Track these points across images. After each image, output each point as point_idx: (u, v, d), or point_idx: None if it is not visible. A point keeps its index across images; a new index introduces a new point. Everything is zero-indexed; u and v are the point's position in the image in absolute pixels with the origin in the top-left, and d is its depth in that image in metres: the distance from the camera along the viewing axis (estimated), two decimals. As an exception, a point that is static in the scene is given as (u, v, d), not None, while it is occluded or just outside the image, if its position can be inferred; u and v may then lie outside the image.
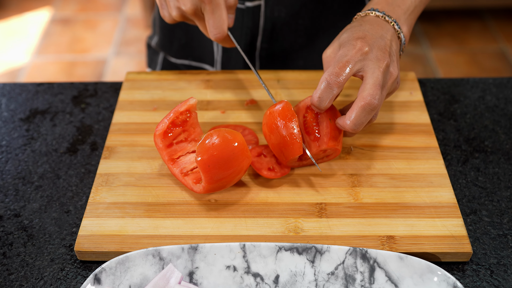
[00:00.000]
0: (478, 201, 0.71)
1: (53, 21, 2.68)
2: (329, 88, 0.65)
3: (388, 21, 0.70)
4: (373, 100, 0.64)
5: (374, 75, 0.65)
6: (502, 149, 0.77)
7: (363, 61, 0.66)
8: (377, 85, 0.64)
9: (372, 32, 0.68)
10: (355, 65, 0.65)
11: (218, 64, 0.98)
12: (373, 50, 0.66)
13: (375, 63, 0.66)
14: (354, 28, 0.69)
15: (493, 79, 0.89)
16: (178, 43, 0.99)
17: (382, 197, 0.68)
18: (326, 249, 0.60)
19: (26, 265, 0.64)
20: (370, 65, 0.66)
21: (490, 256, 0.65)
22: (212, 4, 0.71)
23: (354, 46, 0.66)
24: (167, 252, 0.60)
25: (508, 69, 2.36)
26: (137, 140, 0.76)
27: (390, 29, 0.70)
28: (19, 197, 0.71)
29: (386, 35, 0.69)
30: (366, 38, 0.67)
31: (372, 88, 0.64)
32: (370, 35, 0.68)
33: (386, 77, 0.66)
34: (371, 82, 0.64)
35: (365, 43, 0.66)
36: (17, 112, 0.84)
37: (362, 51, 0.66)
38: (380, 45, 0.67)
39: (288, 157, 0.67)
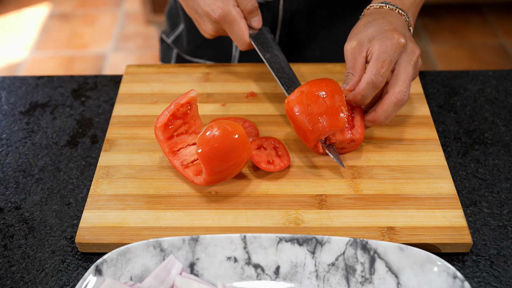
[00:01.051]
0: (478, 193, 0.71)
1: (52, 16, 2.68)
2: (374, 87, 0.67)
3: (401, 14, 0.72)
4: (404, 96, 0.67)
5: (406, 69, 0.67)
6: (502, 141, 0.78)
7: (399, 54, 0.68)
8: (408, 80, 0.67)
9: (399, 24, 0.70)
10: (394, 60, 0.67)
11: (236, 60, 0.98)
12: (408, 42, 0.68)
13: (409, 56, 0.68)
14: (379, 21, 0.70)
15: (492, 71, 0.89)
16: (195, 43, 1.00)
17: (382, 188, 0.68)
18: (326, 240, 0.60)
19: (27, 257, 0.64)
20: (404, 58, 0.68)
21: (490, 247, 0.65)
22: (227, 22, 0.75)
23: (392, 39, 0.67)
24: (168, 243, 0.60)
25: (508, 63, 2.36)
26: (137, 132, 0.76)
27: (405, 22, 0.72)
28: (20, 189, 0.71)
29: (399, 20, 0.70)
30: (399, 30, 0.68)
31: (403, 84, 0.67)
32: (399, 27, 0.69)
33: (416, 69, 0.69)
34: (403, 77, 0.67)
35: (401, 35, 0.68)
36: (17, 106, 0.84)
37: (400, 45, 0.67)
38: (410, 37, 0.69)
39: (330, 128, 0.66)
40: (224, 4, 0.74)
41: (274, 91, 0.83)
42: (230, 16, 0.74)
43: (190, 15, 0.80)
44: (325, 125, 0.67)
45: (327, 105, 0.67)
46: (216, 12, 0.74)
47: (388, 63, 0.67)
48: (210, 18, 0.75)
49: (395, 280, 0.59)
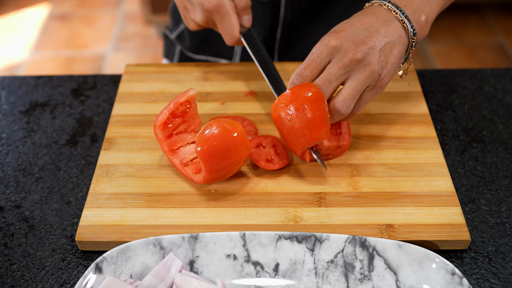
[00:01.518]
0: (477, 190, 0.71)
1: (51, 17, 2.68)
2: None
3: (391, 9, 0.66)
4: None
5: (330, 69, 0.64)
6: (500, 139, 0.78)
7: (329, 55, 0.65)
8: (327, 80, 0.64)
9: (358, 25, 0.65)
10: (321, 62, 0.65)
11: (237, 56, 0.99)
12: (343, 44, 0.64)
13: (340, 56, 0.64)
14: (343, 21, 0.68)
15: (491, 69, 0.89)
16: (197, 39, 1.00)
17: (381, 186, 0.69)
18: (325, 238, 0.61)
19: (28, 255, 0.64)
20: (334, 58, 0.65)
21: (488, 244, 0.65)
22: (219, 14, 0.74)
23: (322, 42, 0.65)
24: (168, 241, 0.60)
25: (506, 62, 2.36)
26: (137, 131, 0.77)
27: (391, 21, 0.66)
28: (20, 188, 0.72)
29: (378, 27, 0.65)
30: (340, 32, 0.65)
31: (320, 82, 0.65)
32: (349, 28, 0.65)
33: (353, 70, 0.64)
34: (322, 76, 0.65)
35: (336, 37, 0.64)
36: (17, 105, 0.84)
37: (329, 46, 0.64)
38: (355, 39, 0.64)
39: (312, 141, 0.65)
40: None
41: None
42: (224, 8, 0.74)
43: (179, 3, 0.79)
44: (308, 139, 0.65)
45: (308, 118, 0.64)
46: (211, 2, 0.73)
47: (311, 63, 0.65)
48: (203, 7, 0.75)
49: (393, 277, 0.59)
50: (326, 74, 0.65)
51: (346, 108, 0.65)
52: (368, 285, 0.59)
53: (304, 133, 0.65)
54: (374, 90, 0.67)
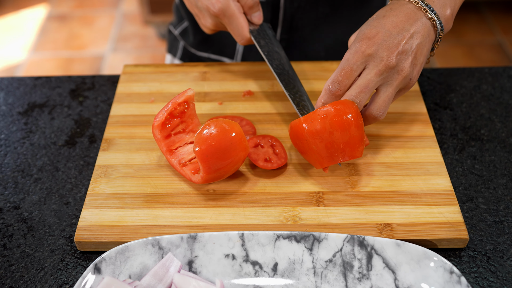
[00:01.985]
0: (475, 189, 0.71)
1: (50, 18, 2.68)
2: (332, 94, 0.66)
3: (421, 7, 0.66)
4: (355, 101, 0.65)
5: (367, 77, 0.65)
6: (498, 137, 0.78)
7: (365, 62, 0.65)
8: (365, 88, 0.65)
9: (390, 28, 0.65)
10: (357, 68, 0.65)
11: (239, 54, 0.99)
12: (378, 51, 0.65)
13: (376, 63, 0.65)
14: (373, 22, 0.67)
15: (488, 68, 0.90)
16: (201, 36, 1.01)
17: (379, 185, 0.69)
18: (324, 237, 0.61)
19: (27, 256, 0.64)
20: (369, 65, 0.65)
21: (486, 242, 0.65)
22: (226, 17, 0.75)
23: (357, 49, 0.65)
24: (166, 241, 0.60)
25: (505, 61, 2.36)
26: (135, 132, 0.77)
27: (420, 19, 0.66)
28: (19, 189, 0.72)
29: (409, 28, 0.65)
30: (374, 38, 0.65)
31: (355, 89, 0.65)
32: (382, 32, 0.65)
33: (388, 77, 0.65)
34: (359, 83, 0.65)
35: (370, 44, 0.65)
36: (15, 106, 0.84)
37: (365, 54, 0.65)
38: (389, 45, 0.64)
39: (349, 158, 0.65)
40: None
41: (271, 89, 0.83)
42: (229, 10, 0.74)
43: (191, 10, 0.80)
44: (345, 156, 0.65)
45: (351, 135, 0.63)
46: (215, 6, 0.73)
47: (347, 70, 0.65)
48: (209, 12, 0.75)
49: (392, 276, 0.59)
50: (363, 81, 0.65)
51: (382, 114, 0.67)
52: (366, 284, 0.59)
53: (345, 150, 0.64)
54: (403, 91, 0.69)
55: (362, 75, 0.65)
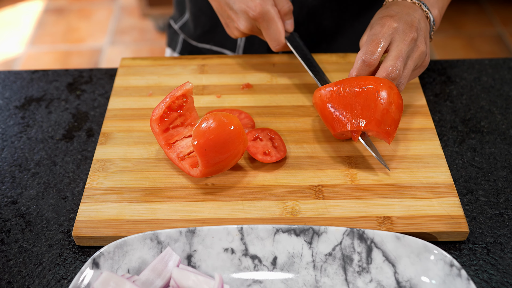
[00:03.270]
0: (475, 181, 0.71)
1: (47, 11, 2.67)
2: (365, 65, 0.68)
3: (415, 2, 0.73)
4: (394, 70, 0.67)
5: (398, 47, 0.68)
6: (498, 129, 0.77)
7: (391, 35, 0.69)
8: (400, 57, 0.67)
9: (399, 11, 0.71)
10: (385, 41, 0.69)
11: (240, 49, 0.99)
12: (400, 25, 0.69)
13: (401, 36, 0.69)
14: (382, 11, 0.73)
15: (489, 60, 0.89)
16: (202, 29, 1.00)
17: (379, 178, 0.68)
18: (323, 230, 0.60)
19: (25, 251, 0.64)
20: (396, 38, 0.69)
21: (486, 235, 0.65)
22: (265, 21, 0.75)
23: (383, 24, 0.69)
24: (165, 235, 0.60)
25: (504, 52, 2.35)
26: (133, 125, 0.76)
27: (418, 10, 0.72)
28: (16, 184, 0.71)
29: (414, 14, 0.71)
30: (394, 16, 0.70)
31: (394, 60, 0.67)
32: (396, 13, 0.71)
33: (411, 49, 0.69)
34: (394, 54, 0.68)
35: (392, 20, 0.70)
36: (12, 100, 0.83)
37: (391, 27, 0.69)
38: (407, 21, 0.70)
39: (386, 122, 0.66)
40: (264, 2, 0.74)
41: (270, 82, 0.83)
42: (269, 14, 0.74)
43: (221, 11, 0.79)
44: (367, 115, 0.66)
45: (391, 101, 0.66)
46: (256, 10, 0.73)
47: (377, 42, 0.68)
48: (247, 15, 0.75)
49: (392, 269, 0.59)
50: (397, 51, 0.68)
51: (404, 84, 0.70)
52: (366, 278, 0.59)
53: (389, 110, 0.66)
54: (420, 69, 0.74)
55: (393, 46, 0.68)
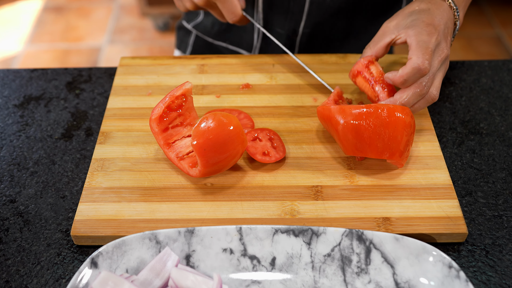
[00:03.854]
0: (474, 183, 0.71)
1: (46, 9, 2.66)
2: (419, 73, 0.67)
3: (452, 7, 0.72)
4: (425, 66, 0.66)
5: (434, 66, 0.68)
6: (497, 131, 0.78)
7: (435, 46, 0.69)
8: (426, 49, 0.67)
9: (442, 18, 0.70)
10: (434, 49, 0.68)
11: (256, 50, 1.00)
12: (442, 40, 0.69)
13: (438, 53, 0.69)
14: (422, 13, 0.70)
15: (488, 61, 0.89)
16: (219, 27, 1.01)
17: (378, 179, 0.68)
18: (322, 231, 0.60)
19: (23, 250, 0.64)
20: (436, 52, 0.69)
21: (485, 236, 0.65)
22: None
23: (430, 33, 0.68)
24: (164, 235, 0.60)
25: (503, 53, 2.36)
26: (132, 125, 0.76)
27: (451, 17, 0.72)
28: (15, 183, 0.71)
29: (448, 21, 0.71)
30: (437, 27, 0.69)
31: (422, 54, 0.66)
32: (440, 22, 0.70)
33: (443, 69, 0.70)
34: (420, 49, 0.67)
35: (437, 32, 0.68)
36: (11, 99, 0.83)
37: (437, 40, 0.68)
38: (445, 32, 0.70)
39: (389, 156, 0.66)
40: None
41: (269, 82, 0.83)
42: None
43: None
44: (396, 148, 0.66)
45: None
46: None
47: (430, 52, 0.67)
48: None
49: (390, 270, 0.59)
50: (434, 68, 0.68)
51: (438, 94, 0.70)
52: (365, 279, 0.59)
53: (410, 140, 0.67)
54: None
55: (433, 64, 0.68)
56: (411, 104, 0.69)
